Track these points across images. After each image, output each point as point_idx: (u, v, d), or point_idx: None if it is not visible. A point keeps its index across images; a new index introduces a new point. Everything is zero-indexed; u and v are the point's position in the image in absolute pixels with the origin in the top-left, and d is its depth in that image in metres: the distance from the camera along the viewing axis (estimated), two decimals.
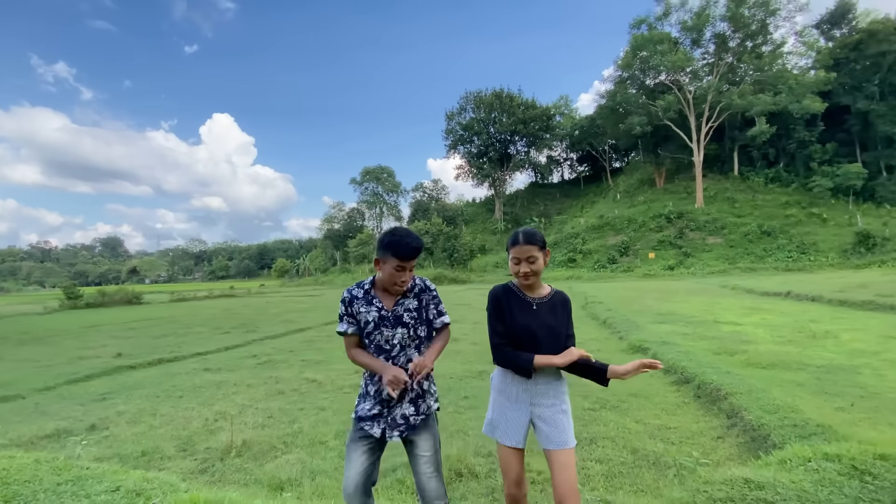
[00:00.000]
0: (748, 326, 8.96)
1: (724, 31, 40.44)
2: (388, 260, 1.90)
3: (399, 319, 1.98)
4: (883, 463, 2.29)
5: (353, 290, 2.04)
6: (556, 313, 2.01)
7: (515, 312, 2.01)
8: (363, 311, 1.98)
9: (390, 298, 2.01)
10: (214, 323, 15.66)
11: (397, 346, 1.98)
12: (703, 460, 3.02)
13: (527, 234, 2.01)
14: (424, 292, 2.06)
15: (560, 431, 1.93)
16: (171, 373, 7.44)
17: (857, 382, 4.79)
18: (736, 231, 36.94)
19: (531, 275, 1.98)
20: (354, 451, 1.98)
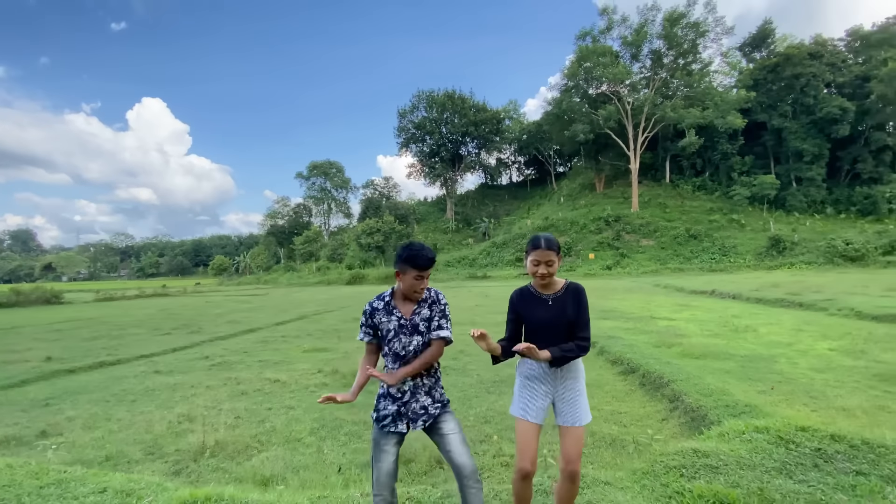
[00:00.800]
0: (680, 322, 9.87)
1: (660, 49, 43.53)
2: (407, 271, 2.14)
3: (416, 328, 2.19)
4: (803, 433, 2.78)
5: (374, 303, 2.24)
6: (569, 305, 2.23)
7: (532, 310, 2.25)
8: (384, 321, 2.19)
9: (408, 308, 2.21)
10: (152, 324, 14.74)
11: (412, 353, 2.17)
12: (657, 437, 3.44)
13: (548, 240, 2.21)
14: (435, 304, 2.25)
15: (576, 410, 2.19)
16: (116, 376, 7.02)
17: (774, 369, 5.54)
18: (667, 234, 39.93)
19: (548, 276, 2.20)
20: (383, 448, 2.16)
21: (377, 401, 2.26)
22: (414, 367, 2.15)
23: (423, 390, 2.20)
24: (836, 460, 2.52)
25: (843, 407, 4.07)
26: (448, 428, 2.18)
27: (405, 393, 2.17)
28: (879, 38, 44.23)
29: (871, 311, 9.66)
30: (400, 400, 2.17)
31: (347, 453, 3.78)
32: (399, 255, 2.17)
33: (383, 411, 2.20)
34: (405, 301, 2.23)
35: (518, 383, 2.31)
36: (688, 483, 2.37)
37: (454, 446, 2.14)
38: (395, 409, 2.17)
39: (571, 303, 2.23)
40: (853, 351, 6.47)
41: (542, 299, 2.25)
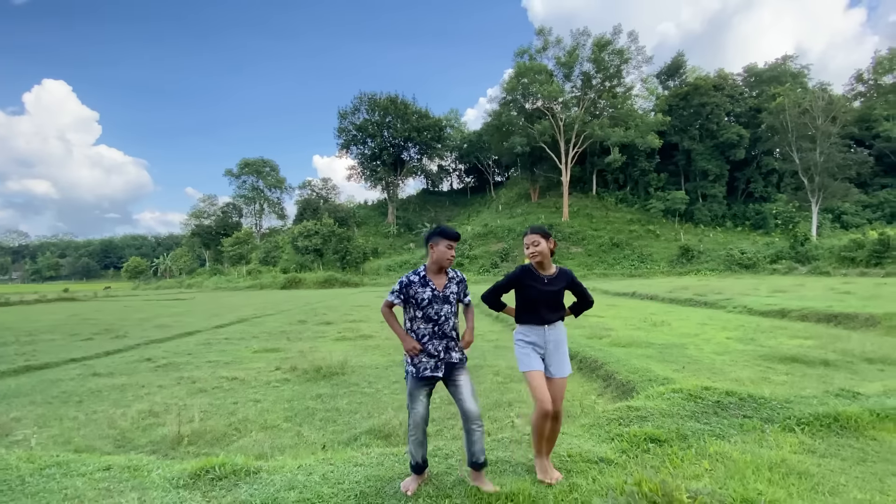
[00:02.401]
0: (608, 318, 11.03)
1: (590, 71, 47.06)
2: (440, 242, 2.70)
3: (447, 298, 2.72)
4: (706, 391, 3.58)
5: (411, 276, 2.75)
6: (560, 285, 2.83)
7: (533, 285, 2.79)
8: (419, 292, 2.69)
9: (440, 281, 2.73)
10: (66, 329, 13.54)
11: (443, 317, 2.70)
12: (598, 401, 4.12)
13: (533, 227, 2.83)
14: (461, 282, 2.83)
15: (562, 364, 2.78)
16: (50, 379, 6.60)
17: (685, 354, 6.57)
18: (593, 242, 43.09)
19: (538, 254, 2.74)
20: (419, 394, 2.65)
21: (412, 359, 2.72)
22: (473, 326, 2.83)
23: (455, 349, 2.73)
24: (730, 409, 3.31)
25: (735, 378, 5.06)
26: (461, 380, 2.68)
27: (440, 350, 2.68)
28: (770, 76, 51.23)
29: (759, 309, 11.45)
30: (437, 357, 2.68)
31: (327, 434, 4.06)
32: (432, 232, 2.77)
33: (421, 366, 2.67)
34: (437, 274, 2.74)
35: (518, 349, 2.84)
36: (625, 428, 3.02)
37: (465, 394, 2.63)
38: (433, 362, 2.65)
39: (562, 283, 2.84)
40: (745, 339, 7.77)
41: (540, 277, 2.80)
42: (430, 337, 2.68)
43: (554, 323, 2.80)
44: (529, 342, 2.78)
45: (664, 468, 2.64)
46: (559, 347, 2.80)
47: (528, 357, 2.76)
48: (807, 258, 32.41)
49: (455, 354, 2.70)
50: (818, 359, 6.10)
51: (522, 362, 2.79)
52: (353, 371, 6.47)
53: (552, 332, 2.79)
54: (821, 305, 10.83)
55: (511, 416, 4.26)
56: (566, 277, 2.86)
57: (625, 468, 2.66)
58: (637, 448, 2.86)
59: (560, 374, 2.77)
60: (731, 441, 2.94)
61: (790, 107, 39.76)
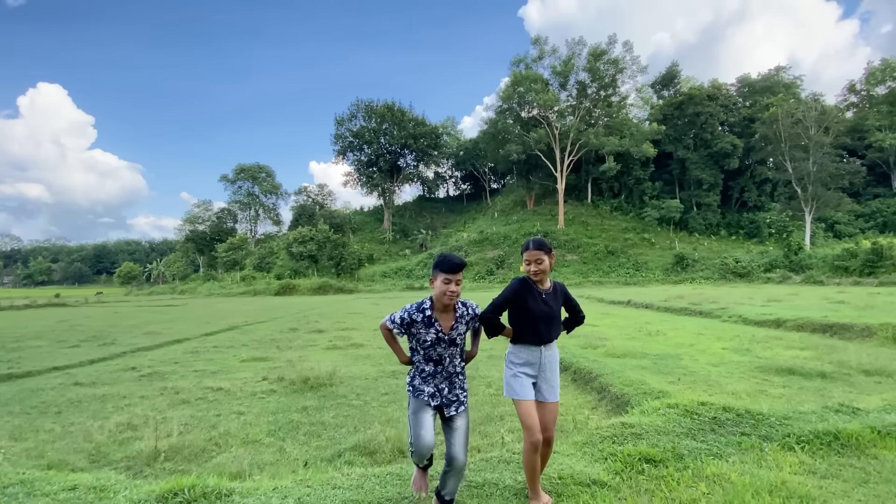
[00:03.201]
0: (603, 327, 10.92)
1: (585, 80, 47.44)
2: (437, 276, 2.38)
3: (453, 341, 2.46)
4: (703, 407, 3.47)
5: (413, 314, 2.44)
6: (556, 301, 2.65)
7: (531, 300, 2.56)
8: (422, 332, 2.43)
9: (447, 321, 2.45)
10: (53, 336, 13.28)
11: (447, 359, 2.48)
12: (592, 416, 4.00)
13: (536, 242, 2.58)
14: (473, 320, 2.55)
15: (554, 389, 2.61)
16: (30, 388, 6.41)
17: (680, 365, 6.46)
18: (588, 250, 43.14)
19: (539, 273, 2.54)
20: (423, 414, 2.40)
21: (415, 382, 2.52)
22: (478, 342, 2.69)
23: (459, 384, 2.51)
24: (728, 425, 3.19)
25: (732, 391, 4.95)
26: (458, 424, 2.45)
27: (443, 390, 2.45)
28: (763, 86, 51.82)
29: (755, 318, 11.38)
30: (438, 389, 2.45)
31: (310, 450, 3.91)
32: (434, 263, 2.46)
33: (420, 388, 2.47)
34: (444, 312, 2.45)
35: (509, 372, 2.61)
36: (619, 447, 2.90)
37: (457, 440, 2.40)
38: (432, 390, 2.44)
39: (559, 298, 2.67)
40: (740, 349, 7.68)
41: (538, 292, 2.59)
42: (430, 375, 2.48)
43: (550, 343, 2.62)
44: (521, 363, 2.57)
45: (659, 492, 2.52)
46: (553, 369, 2.64)
47: (519, 383, 2.55)
48: (800, 267, 32.55)
49: (459, 394, 2.50)
50: (815, 371, 6.01)
51: (511, 388, 2.57)
52: (342, 382, 6.31)
53: (548, 352, 2.60)
54: (816, 315, 10.77)
55: (501, 431, 4.13)
56: (562, 292, 2.70)
57: (618, 492, 2.54)
58: (631, 469, 2.73)
59: (553, 398, 2.61)
60: (729, 461, 2.82)
61: (783, 117, 40.18)
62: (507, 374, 2.63)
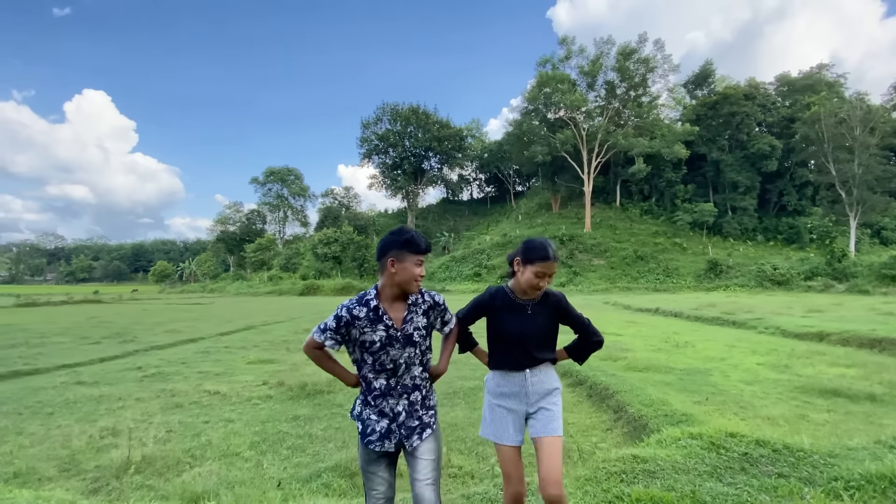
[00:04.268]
0: (627, 337, 10.28)
1: (614, 80, 46.21)
2: (406, 258, 1.80)
3: (409, 339, 1.85)
4: (732, 439, 2.95)
5: (355, 310, 1.82)
6: (547, 315, 2.04)
7: (507, 316, 2.03)
8: (367, 332, 1.81)
9: (398, 312, 1.87)
10: (79, 332, 13.58)
11: (403, 366, 1.85)
12: (601, 445, 3.54)
13: (555, 250, 2.01)
14: (433, 308, 1.96)
15: (550, 420, 1.98)
16: (32, 387, 6.38)
17: (709, 382, 5.86)
18: (616, 254, 41.83)
19: (542, 290, 2.02)
20: (375, 471, 1.84)
21: (359, 409, 1.89)
22: (450, 354, 2.03)
23: (421, 402, 1.90)
24: (761, 463, 2.69)
25: (768, 416, 4.37)
26: (423, 451, 1.84)
27: (399, 414, 1.84)
28: (804, 85, 49.22)
29: (794, 330, 10.49)
30: (391, 418, 1.84)
31: (289, 468, 3.60)
32: (390, 242, 1.83)
33: (370, 426, 1.84)
34: (395, 302, 1.87)
35: (487, 403, 2.09)
36: (627, 487, 2.44)
37: (423, 473, 1.80)
38: (384, 425, 1.83)
39: (553, 313, 2.06)
40: (778, 365, 6.97)
41: (519, 305, 2.03)
42: (382, 393, 1.84)
43: (538, 367, 2.05)
44: (501, 394, 2.05)
45: None
46: (548, 396, 2.04)
47: (496, 420, 2.01)
48: (844, 275, 30.53)
49: (422, 416, 1.88)
50: (863, 392, 5.32)
51: (485, 425, 2.05)
52: (341, 390, 6.01)
53: (535, 378, 2.03)
54: (863, 328, 9.83)
55: (493, 460, 3.71)
56: (557, 304, 2.07)
57: None
58: None
59: (550, 432, 1.95)
60: None
61: (826, 116, 37.93)
62: (484, 407, 2.12)
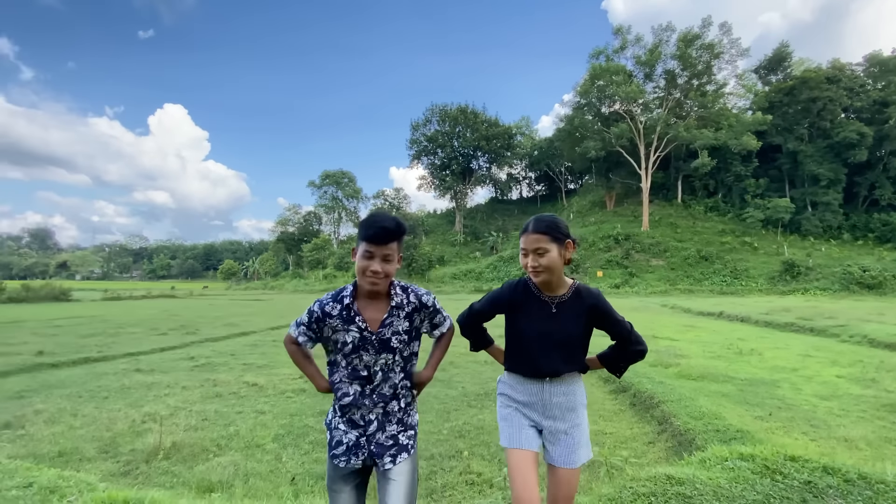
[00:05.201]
0: (683, 342, 9.50)
1: (674, 69, 43.45)
2: (358, 246, 1.59)
3: (385, 344, 1.62)
4: (792, 464, 2.51)
5: (327, 305, 1.63)
6: (574, 315, 1.71)
7: (529, 314, 1.74)
8: (339, 331, 1.62)
9: (377, 312, 1.64)
10: (151, 324, 14.71)
11: (379, 373, 1.63)
12: (633, 459, 3.18)
13: (537, 220, 1.68)
14: (418, 311, 1.70)
15: (572, 449, 1.71)
16: (97, 373, 6.90)
17: (775, 395, 5.21)
18: (677, 255, 39.30)
19: (541, 270, 1.65)
20: (340, 490, 1.64)
21: (330, 417, 1.70)
22: (438, 361, 1.80)
23: (398, 416, 1.68)
24: (827, 496, 2.24)
25: (844, 437, 3.75)
26: (396, 475, 1.61)
27: (371, 423, 1.64)
28: None
29: (886, 340, 9.21)
30: (363, 428, 1.63)
31: (307, 463, 3.56)
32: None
33: (337, 438, 1.65)
34: (372, 303, 1.64)
35: (501, 405, 1.85)
36: None
37: (393, 496, 1.57)
38: (353, 437, 1.63)
39: (585, 315, 1.72)
40: (863, 379, 6.09)
41: (543, 302, 1.72)
42: (354, 402, 1.63)
43: (561, 377, 1.72)
44: (516, 400, 1.78)
45: None
46: (569, 417, 1.73)
47: (512, 423, 1.75)
48: None
49: (397, 434, 1.66)
50: None
51: (502, 431, 1.79)
52: None
53: (557, 389, 1.72)
54: None
55: None
56: (588, 302, 1.72)
57: None
58: None
59: (567, 464, 1.69)
60: None
61: None
62: (499, 409, 1.86)
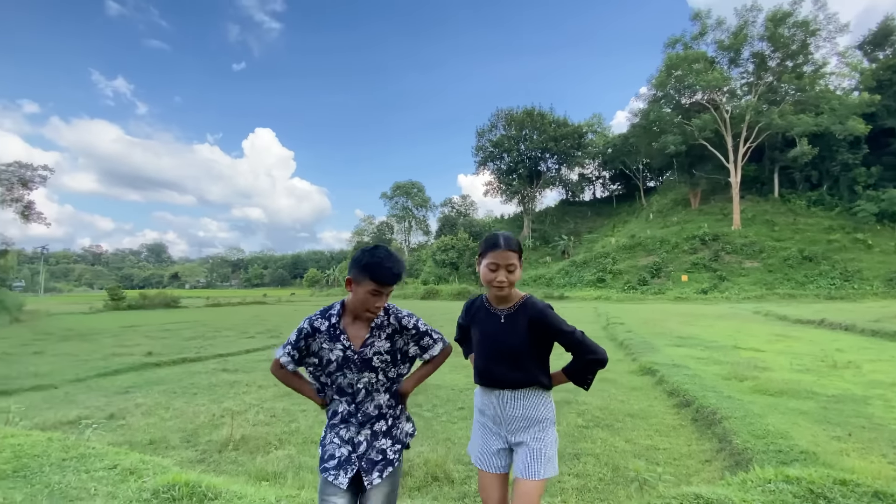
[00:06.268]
0: (769, 353, 8.62)
1: (763, 51, 39.45)
2: (363, 283, 1.65)
3: (367, 363, 1.70)
4: (841, 488, 2.26)
5: (316, 321, 1.73)
6: (519, 326, 1.77)
7: (481, 326, 1.85)
8: (325, 348, 1.70)
9: (360, 331, 1.72)
10: (242, 327, 16.30)
11: (363, 391, 1.71)
12: (668, 476, 3.02)
13: (507, 238, 1.77)
14: (400, 333, 1.75)
15: (532, 460, 1.72)
16: (191, 371, 7.86)
17: (863, 413, 4.59)
18: (775, 255, 35.38)
19: (507, 286, 1.75)
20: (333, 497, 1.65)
21: (324, 433, 1.77)
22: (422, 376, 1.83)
23: (385, 432, 1.73)
24: None
25: None
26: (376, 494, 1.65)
27: (360, 444, 1.69)
28: None
29: None
30: (351, 447, 1.69)
31: None
32: (357, 259, 1.68)
33: (329, 451, 1.71)
34: (355, 322, 1.73)
35: (475, 416, 1.92)
36: None
37: None
38: (345, 452, 1.69)
39: (526, 328, 1.76)
40: None
41: (493, 315, 1.82)
42: (344, 419, 1.72)
43: (520, 390, 1.77)
44: (483, 413, 1.85)
45: None
46: (531, 430, 1.75)
47: (478, 440, 1.85)
48: None
49: (386, 448, 1.71)
50: None
51: (471, 443, 1.91)
52: (426, 390, 6.17)
53: (518, 403, 1.76)
54: None
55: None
56: (529, 314, 1.77)
57: None
58: None
59: (525, 475, 1.69)
60: None
61: None
62: (474, 420, 1.95)
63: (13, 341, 12.96)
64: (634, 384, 6.63)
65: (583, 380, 1.82)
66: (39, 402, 5.73)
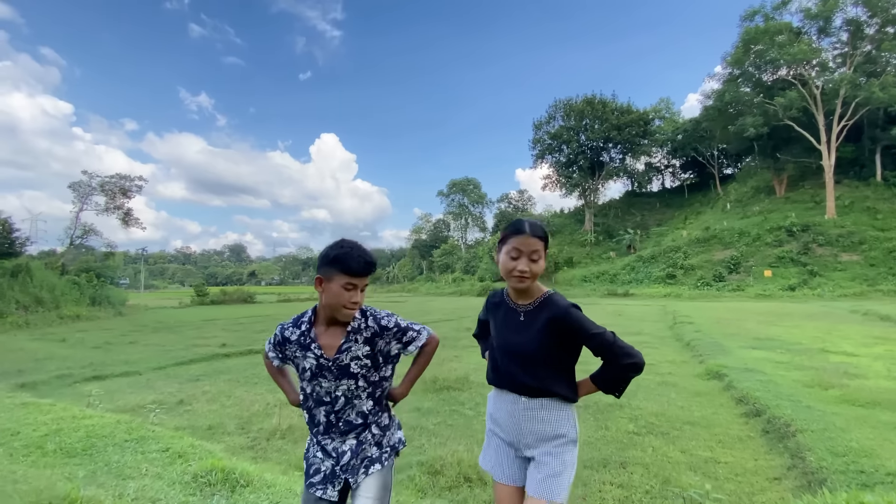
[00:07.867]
0: (864, 358, 7.60)
1: (859, 17, 34.78)
2: (334, 278, 1.53)
3: (345, 370, 1.58)
4: None
5: (287, 330, 1.67)
6: (537, 325, 1.59)
7: (500, 322, 1.70)
8: (298, 357, 1.63)
9: (334, 338, 1.60)
10: None
11: (341, 399, 1.60)
12: (715, 495, 2.71)
13: (533, 223, 1.59)
14: (379, 336, 1.62)
15: (547, 477, 1.54)
16: (255, 362, 8.41)
17: None
18: (878, 247, 31.23)
19: (529, 276, 1.56)
20: None
21: (308, 446, 1.71)
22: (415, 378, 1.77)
23: (371, 439, 1.64)
24: None
25: None
26: (366, 486, 1.57)
27: (344, 454, 1.59)
28: None
29: None
30: (335, 459, 1.60)
31: None
32: (323, 256, 1.58)
33: (314, 465, 1.64)
34: (329, 329, 1.61)
35: (487, 424, 1.78)
36: None
37: None
38: (329, 465, 1.61)
39: (543, 329, 1.57)
40: None
41: (513, 311, 1.65)
42: (325, 429, 1.62)
43: (536, 398, 1.59)
44: (495, 419, 1.71)
45: None
46: (545, 445, 1.58)
47: (491, 449, 1.70)
48: None
49: (371, 452, 1.62)
50: None
51: (483, 451, 1.75)
52: (470, 387, 6.11)
53: (533, 414, 1.59)
54: None
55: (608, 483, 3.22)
56: (549, 314, 1.57)
57: None
58: None
59: (534, 493, 1.51)
60: None
61: None
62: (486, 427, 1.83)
63: (115, 332, 14.66)
64: (698, 389, 6.13)
65: (614, 387, 1.61)
66: (124, 387, 6.40)
